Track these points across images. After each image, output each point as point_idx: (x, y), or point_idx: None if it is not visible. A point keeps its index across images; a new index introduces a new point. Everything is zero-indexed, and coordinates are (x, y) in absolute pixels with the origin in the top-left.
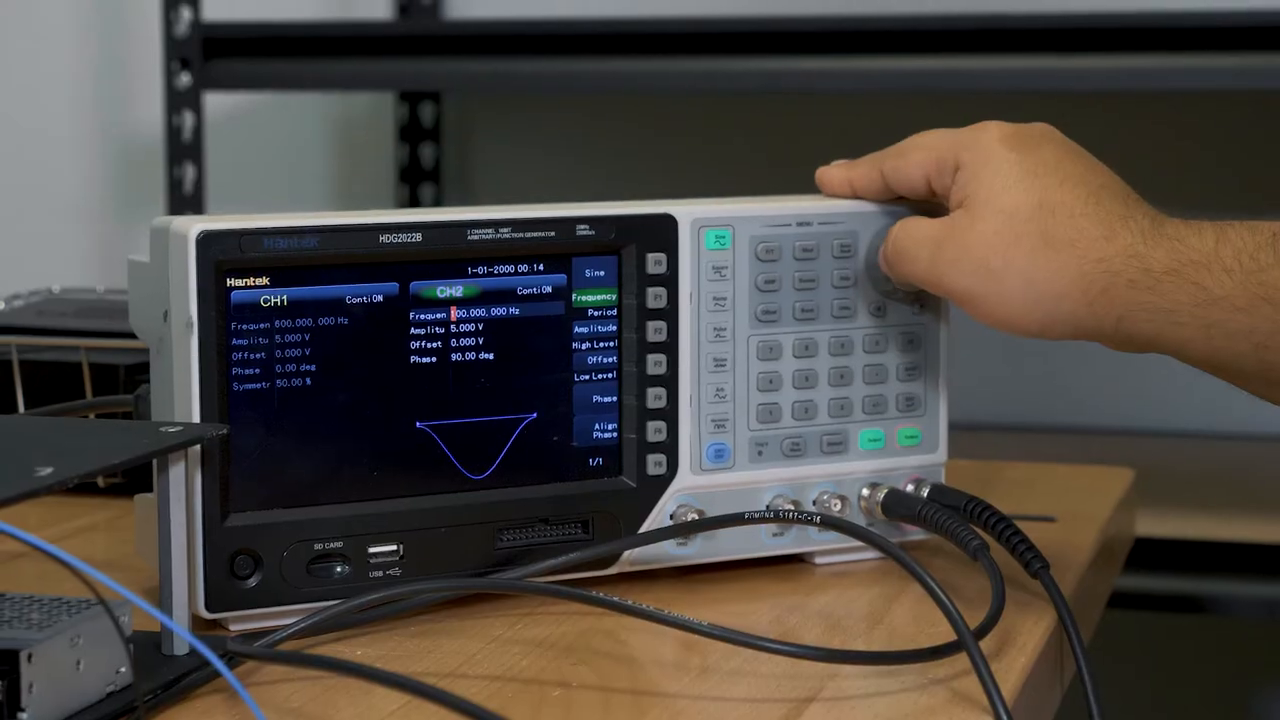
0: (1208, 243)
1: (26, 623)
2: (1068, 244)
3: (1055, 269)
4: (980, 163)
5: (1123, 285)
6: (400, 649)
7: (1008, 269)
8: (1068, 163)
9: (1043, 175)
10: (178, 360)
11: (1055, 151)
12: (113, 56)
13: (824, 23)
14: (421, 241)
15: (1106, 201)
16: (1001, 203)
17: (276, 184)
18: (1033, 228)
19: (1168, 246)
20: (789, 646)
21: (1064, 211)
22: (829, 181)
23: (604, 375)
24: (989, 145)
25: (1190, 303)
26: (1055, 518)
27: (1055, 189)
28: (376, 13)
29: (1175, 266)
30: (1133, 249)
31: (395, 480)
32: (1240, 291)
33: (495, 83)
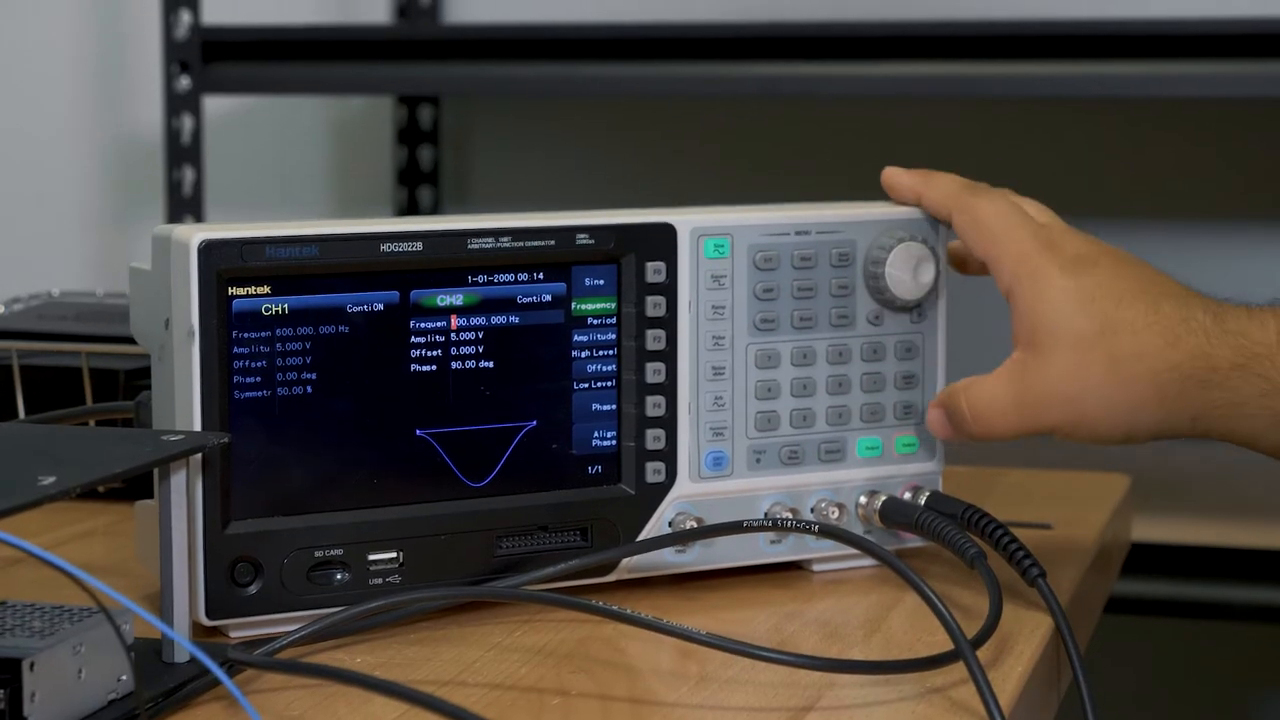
0: (1269, 334)
1: (28, 631)
2: (1135, 359)
3: (1129, 386)
4: (1037, 298)
5: (1195, 386)
6: (400, 656)
7: (1086, 395)
8: (1123, 279)
9: (1100, 299)
10: (179, 368)
11: (1109, 271)
12: (112, 60)
13: (823, 28)
14: (422, 250)
15: (1166, 308)
16: (1065, 336)
17: (275, 187)
18: (1099, 354)
19: (1232, 343)
20: (787, 656)
21: (1126, 329)
22: (896, 186)
23: (603, 383)
24: (1048, 275)
25: (1257, 394)
26: (1052, 525)
27: (1114, 310)
28: (375, 17)
29: (1241, 361)
30: (1198, 350)
31: (395, 488)
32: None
33: (493, 87)
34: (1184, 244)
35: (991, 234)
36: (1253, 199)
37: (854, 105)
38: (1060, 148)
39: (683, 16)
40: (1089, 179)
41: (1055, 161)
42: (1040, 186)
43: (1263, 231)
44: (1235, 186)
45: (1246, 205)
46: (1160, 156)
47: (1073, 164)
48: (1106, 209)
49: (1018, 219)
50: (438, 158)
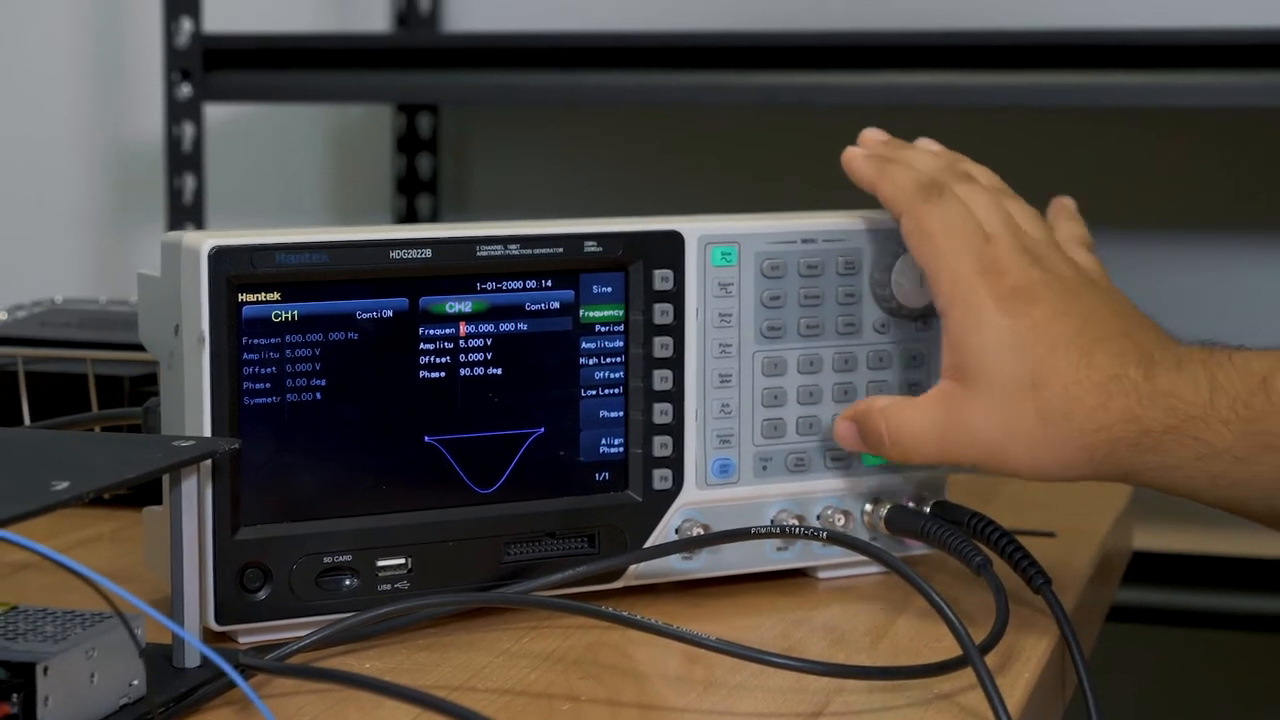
0: (1202, 394)
1: (41, 635)
2: (1063, 418)
3: (1056, 444)
4: (972, 327)
5: (1125, 447)
6: (409, 662)
7: (1010, 444)
8: (1059, 321)
9: (1033, 343)
10: (188, 374)
11: (1048, 310)
12: (112, 67)
13: (824, 38)
14: (431, 257)
15: (1099, 360)
16: (994, 380)
17: (273, 195)
18: (1028, 406)
19: (1164, 404)
20: (796, 661)
21: (1057, 382)
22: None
23: (611, 390)
24: (984, 307)
25: (1193, 457)
26: (1055, 533)
27: (1046, 357)
28: (375, 25)
29: (1174, 424)
30: (1130, 412)
31: (404, 494)
32: (1240, 443)
33: (492, 95)
34: (1186, 253)
35: (934, 248)
36: (1255, 208)
37: (854, 114)
38: (1062, 157)
39: (681, 26)
40: (1090, 188)
41: (1057, 171)
42: (1042, 194)
43: (1266, 241)
44: (1236, 196)
45: (1248, 215)
46: (1161, 166)
47: (1074, 173)
48: (1107, 218)
49: (963, 234)
50: (436, 166)
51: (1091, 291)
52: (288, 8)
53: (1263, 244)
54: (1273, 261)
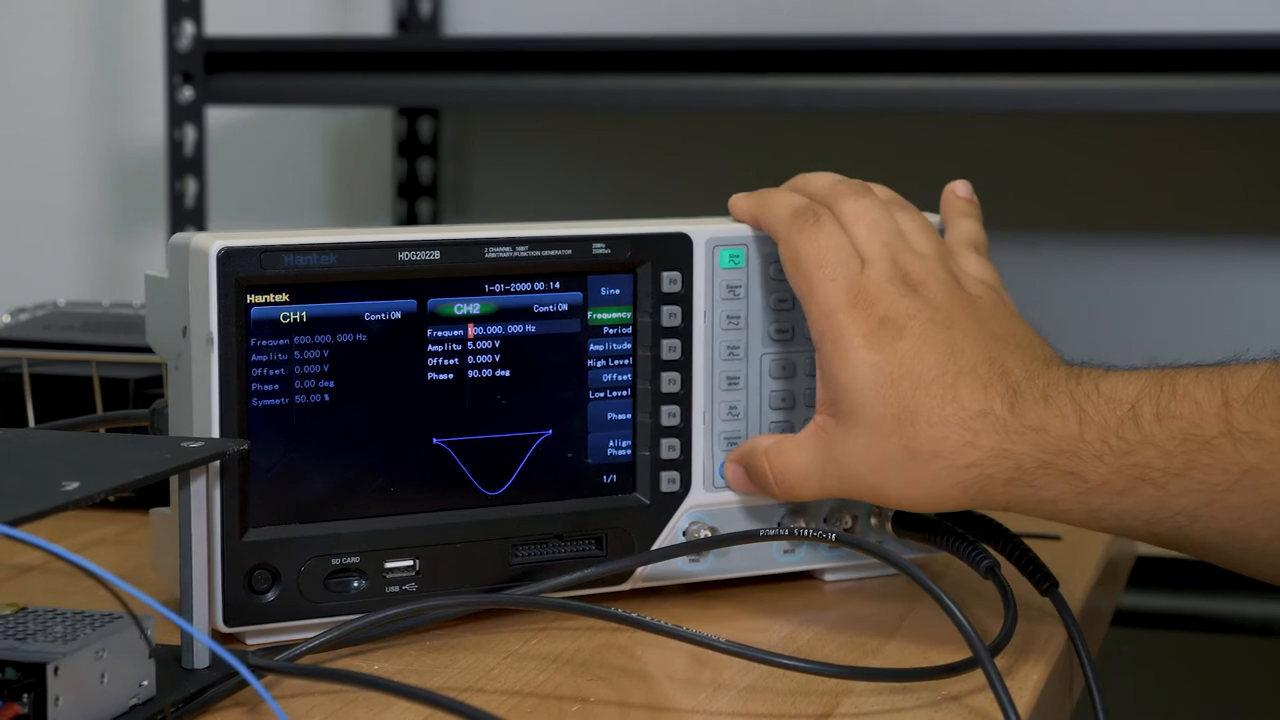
0: (1070, 426)
1: (51, 636)
2: (933, 456)
3: (928, 479)
4: (840, 362)
5: (1000, 484)
6: (417, 663)
7: (884, 483)
8: (925, 354)
9: (898, 379)
10: (197, 376)
11: (914, 343)
12: (113, 70)
13: (827, 41)
14: (439, 259)
15: (964, 395)
16: (863, 417)
17: (273, 199)
18: (896, 443)
19: (1032, 439)
20: (806, 663)
21: (923, 420)
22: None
23: (619, 393)
24: (851, 344)
25: (1071, 492)
26: (1060, 536)
27: (911, 394)
28: (376, 28)
29: (1046, 459)
30: (999, 448)
31: (412, 496)
32: (1116, 476)
33: (493, 99)
34: (1188, 257)
35: (806, 278)
36: (1258, 213)
37: (850, 118)
38: (1062, 161)
39: (682, 29)
40: (1089, 193)
41: (1057, 175)
42: (1040, 200)
43: (1263, 246)
44: (1238, 200)
45: (1252, 219)
46: (1163, 170)
47: (1074, 177)
48: (1107, 222)
49: (834, 262)
50: (437, 170)
51: (965, 316)
52: (289, 11)
53: (1260, 248)
54: (1270, 266)
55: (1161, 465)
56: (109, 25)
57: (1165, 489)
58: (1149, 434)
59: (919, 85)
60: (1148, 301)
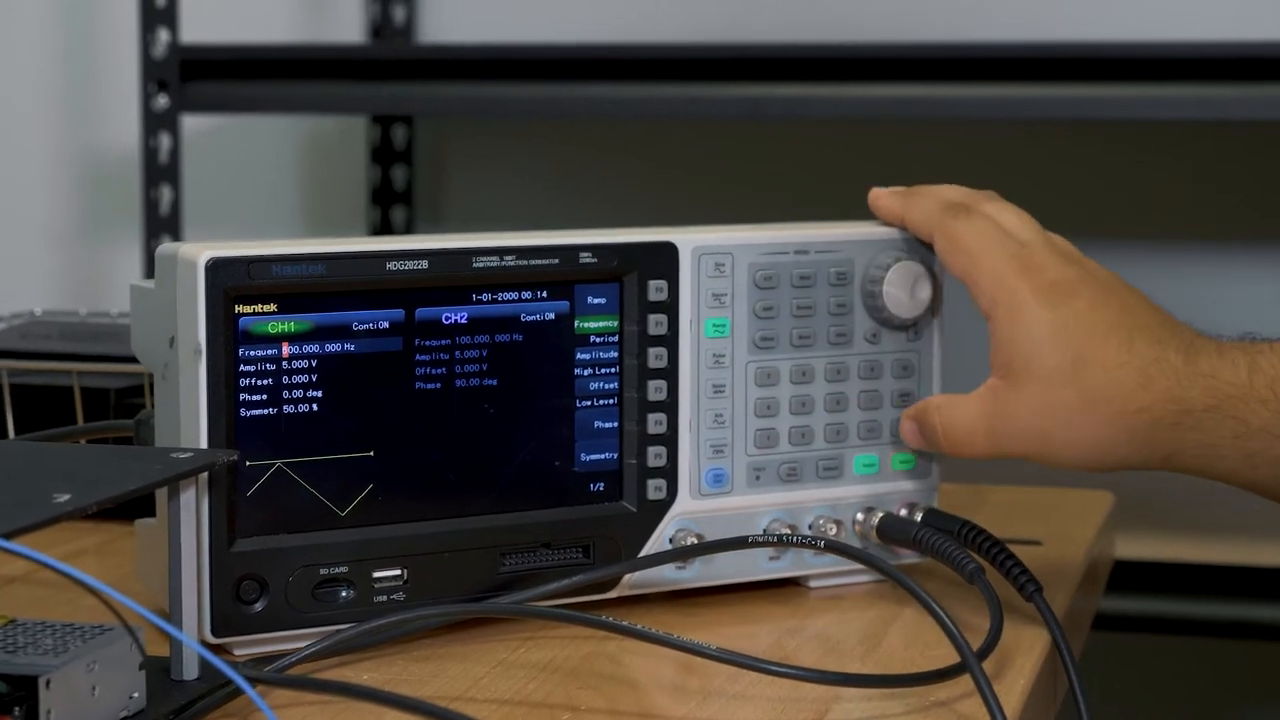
0: (1241, 375)
1: (41, 648)
2: (1105, 400)
3: (1098, 425)
4: (1012, 322)
5: (1166, 428)
6: (406, 673)
7: (1054, 431)
8: (1099, 310)
9: (1074, 332)
10: (184, 386)
11: (1088, 301)
12: (88, 78)
13: (805, 50)
14: (427, 268)
15: (1140, 346)
16: (1037, 367)
17: (247, 206)
18: (1070, 391)
19: (1204, 385)
20: (796, 670)
21: (1098, 366)
22: (881, 208)
23: (605, 401)
24: (1024, 301)
25: (1231, 435)
26: (1042, 541)
27: (1088, 345)
28: (349, 36)
29: (1213, 403)
30: (1170, 393)
31: (399, 505)
32: (1277, 420)
33: (468, 106)
34: (1178, 265)
35: (970, 257)
36: (1245, 221)
37: (834, 127)
38: (1047, 168)
39: (660, 37)
40: (1081, 200)
41: (1039, 182)
42: (1033, 206)
43: (1255, 253)
44: (1226, 208)
45: (1240, 227)
46: (1150, 178)
47: (1057, 184)
48: (1097, 229)
49: (996, 240)
50: (411, 178)
51: (1127, 290)
52: (262, 18)
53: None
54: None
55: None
56: (83, 33)
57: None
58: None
59: (901, 93)
60: None
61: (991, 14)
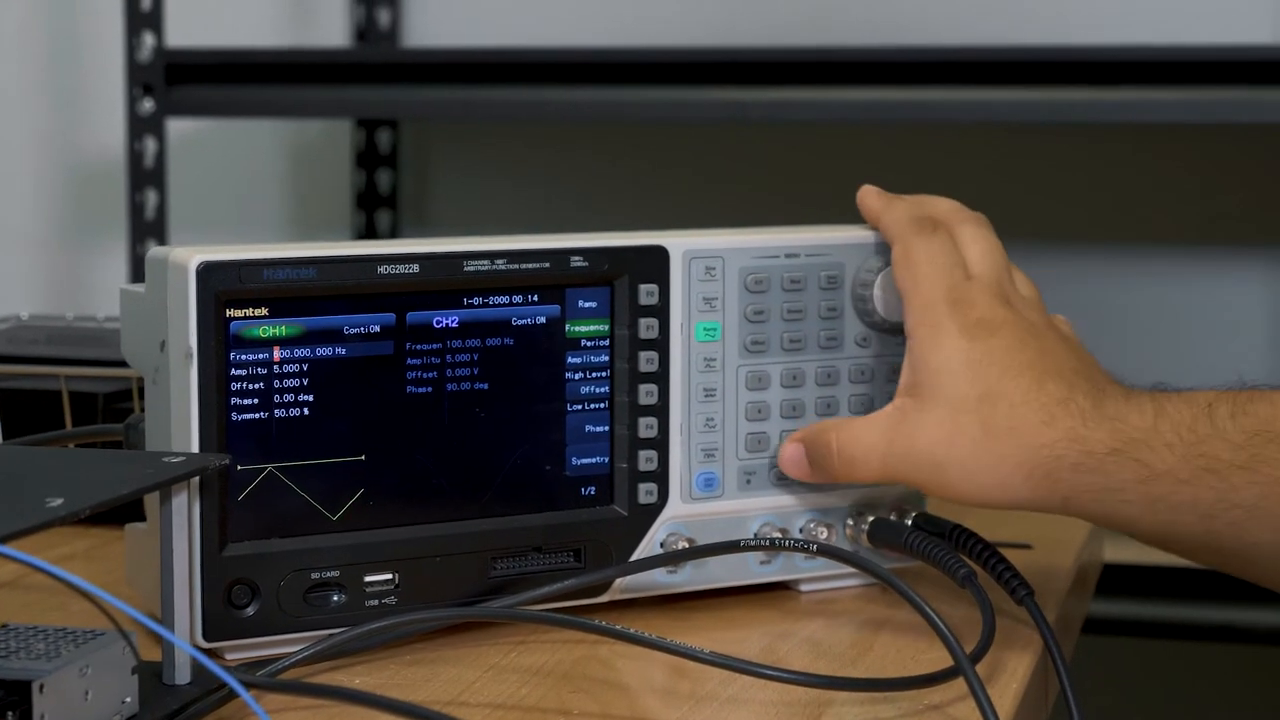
0: (1147, 419)
1: (33, 653)
2: (1008, 433)
3: (996, 458)
4: (931, 346)
5: (1066, 468)
6: (398, 677)
7: (949, 460)
8: (1016, 352)
9: (988, 366)
10: (175, 390)
11: (1007, 340)
12: (72, 82)
13: (790, 54)
14: (418, 272)
15: (1050, 385)
16: (945, 393)
17: (231, 210)
18: (973, 419)
19: (1108, 427)
20: (790, 674)
21: (1005, 402)
22: (863, 207)
23: (596, 405)
24: (948, 331)
25: (1135, 479)
26: (1032, 545)
27: (998, 379)
28: (334, 40)
29: (1117, 446)
30: (1074, 432)
31: (391, 509)
32: (1182, 465)
33: (452, 110)
34: (1156, 267)
35: (913, 276)
36: (1224, 224)
37: (818, 130)
38: (1038, 171)
39: (645, 41)
40: (1062, 202)
41: (1028, 185)
42: (1015, 209)
43: (1234, 256)
44: (1206, 211)
45: (1219, 230)
46: (1131, 181)
47: (1049, 188)
48: (1079, 233)
49: (944, 267)
50: (396, 182)
51: (1055, 337)
52: (247, 22)
53: (1232, 259)
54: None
55: (1228, 457)
56: (68, 37)
57: (1228, 480)
58: (1221, 428)
59: (885, 97)
60: (1116, 312)
61: (975, 19)
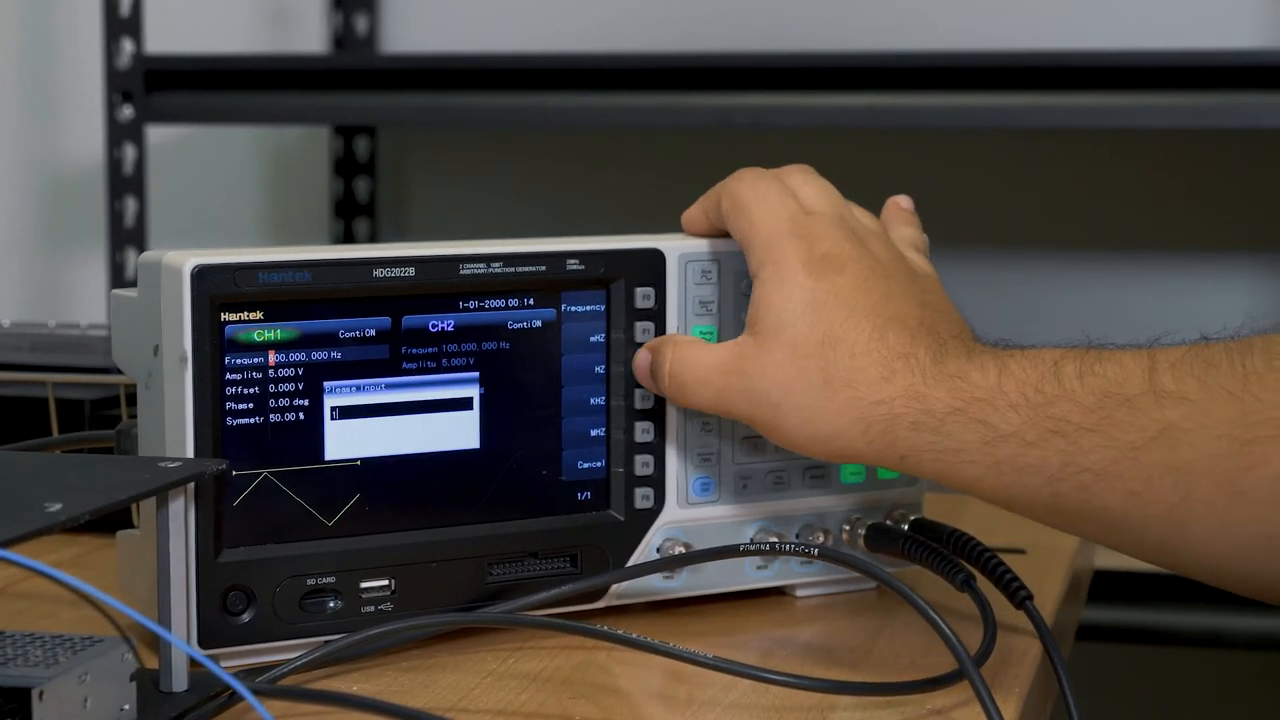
0: (990, 377)
1: (31, 660)
2: (845, 384)
3: (833, 410)
4: (776, 283)
5: (904, 427)
6: (396, 684)
7: (786, 404)
8: (861, 294)
9: (831, 308)
10: (170, 395)
11: (852, 281)
12: (49, 88)
13: (772, 59)
14: (414, 276)
15: (891, 337)
16: (787, 334)
17: (209, 219)
18: (813, 364)
19: (949, 385)
20: (794, 678)
21: (845, 350)
22: (688, 222)
23: (592, 409)
24: (791, 268)
25: (978, 441)
26: (1025, 549)
27: (840, 324)
28: (312, 46)
29: (959, 405)
30: (913, 390)
31: (386, 515)
32: (1029, 426)
33: (431, 117)
34: (1140, 272)
35: (749, 218)
36: (1208, 229)
37: (801, 136)
38: (1022, 176)
39: (626, 46)
40: (1044, 207)
41: (1006, 190)
42: (996, 213)
43: (1218, 261)
44: (1190, 216)
45: (1203, 235)
46: (1117, 186)
47: (1033, 192)
48: (1063, 237)
49: (778, 203)
50: (375, 189)
51: (904, 277)
52: (226, 29)
53: (1208, 264)
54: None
55: (1077, 420)
56: (46, 43)
57: (1077, 443)
58: (1069, 389)
59: (867, 102)
60: (1098, 315)
61: (958, 23)
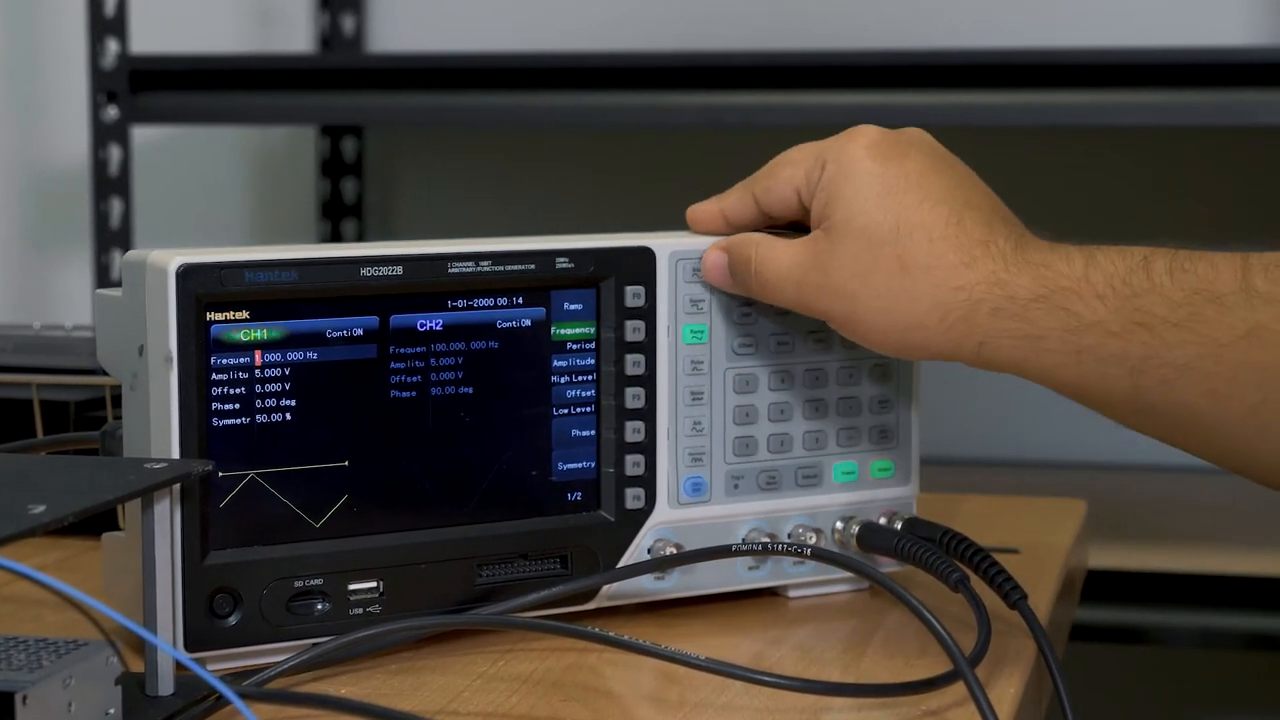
0: (1076, 268)
1: (14, 664)
2: (924, 270)
3: (911, 297)
4: (842, 177)
5: (985, 313)
6: (385, 687)
7: (864, 293)
8: (932, 177)
9: (903, 192)
10: (155, 396)
11: (920, 164)
12: (33, 89)
13: (762, 58)
14: (402, 274)
15: (969, 223)
16: (859, 223)
17: (195, 219)
18: (889, 251)
19: (1033, 273)
20: (787, 680)
21: (922, 235)
22: (700, 218)
23: (583, 409)
24: (853, 156)
25: (1061, 328)
26: (1019, 549)
27: (914, 208)
28: (298, 45)
29: (1042, 293)
30: (995, 276)
31: (375, 516)
32: (1114, 317)
33: (418, 117)
34: None
35: (787, 157)
36: (1192, 227)
37: (791, 135)
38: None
39: (614, 45)
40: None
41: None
42: None
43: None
44: (1174, 213)
45: (1187, 233)
46: (1102, 184)
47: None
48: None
49: (808, 144)
50: (361, 190)
51: (965, 168)
52: (212, 29)
53: None
54: None
55: (1164, 314)
56: (31, 43)
57: (1162, 336)
58: (1158, 283)
59: (860, 101)
60: None
61: (953, 21)
